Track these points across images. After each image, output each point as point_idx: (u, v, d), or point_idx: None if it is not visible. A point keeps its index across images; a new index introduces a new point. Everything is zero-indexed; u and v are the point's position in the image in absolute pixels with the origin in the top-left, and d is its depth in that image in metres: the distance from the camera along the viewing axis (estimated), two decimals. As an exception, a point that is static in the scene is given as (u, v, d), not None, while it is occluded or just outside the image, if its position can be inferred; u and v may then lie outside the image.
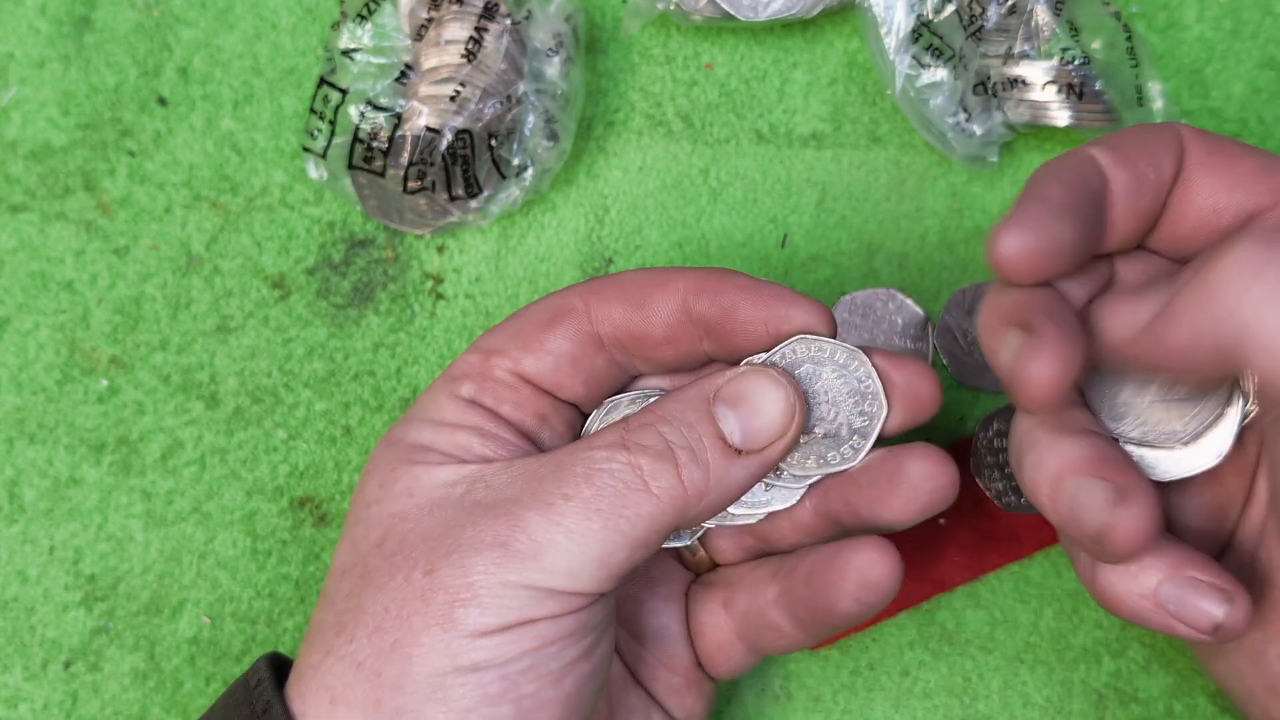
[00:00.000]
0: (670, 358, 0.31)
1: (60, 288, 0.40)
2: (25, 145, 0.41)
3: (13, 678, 0.38)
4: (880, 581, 0.29)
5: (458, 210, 0.39)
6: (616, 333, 0.31)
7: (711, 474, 0.28)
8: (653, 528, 0.27)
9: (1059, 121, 0.38)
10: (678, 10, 0.39)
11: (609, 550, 0.27)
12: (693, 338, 0.30)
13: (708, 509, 0.28)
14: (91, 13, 0.41)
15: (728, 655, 0.33)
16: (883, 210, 0.40)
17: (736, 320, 0.30)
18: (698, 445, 0.28)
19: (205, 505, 0.39)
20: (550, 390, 0.31)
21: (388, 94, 0.38)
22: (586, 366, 0.31)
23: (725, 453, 0.28)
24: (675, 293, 0.30)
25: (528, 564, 0.26)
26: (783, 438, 0.29)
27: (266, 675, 0.28)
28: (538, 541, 0.26)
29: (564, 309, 0.31)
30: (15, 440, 0.39)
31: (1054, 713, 0.37)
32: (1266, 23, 0.40)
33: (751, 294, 0.30)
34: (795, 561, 0.31)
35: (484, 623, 0.26)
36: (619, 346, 0.31)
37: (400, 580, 0.27)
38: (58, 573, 0.38)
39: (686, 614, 0.33)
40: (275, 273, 0.40)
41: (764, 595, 0.31)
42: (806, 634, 0.31)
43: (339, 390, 0.39)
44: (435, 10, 0.38)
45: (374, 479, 0.29)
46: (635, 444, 0.28)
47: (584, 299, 0.31)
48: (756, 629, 0.32)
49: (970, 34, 0.38)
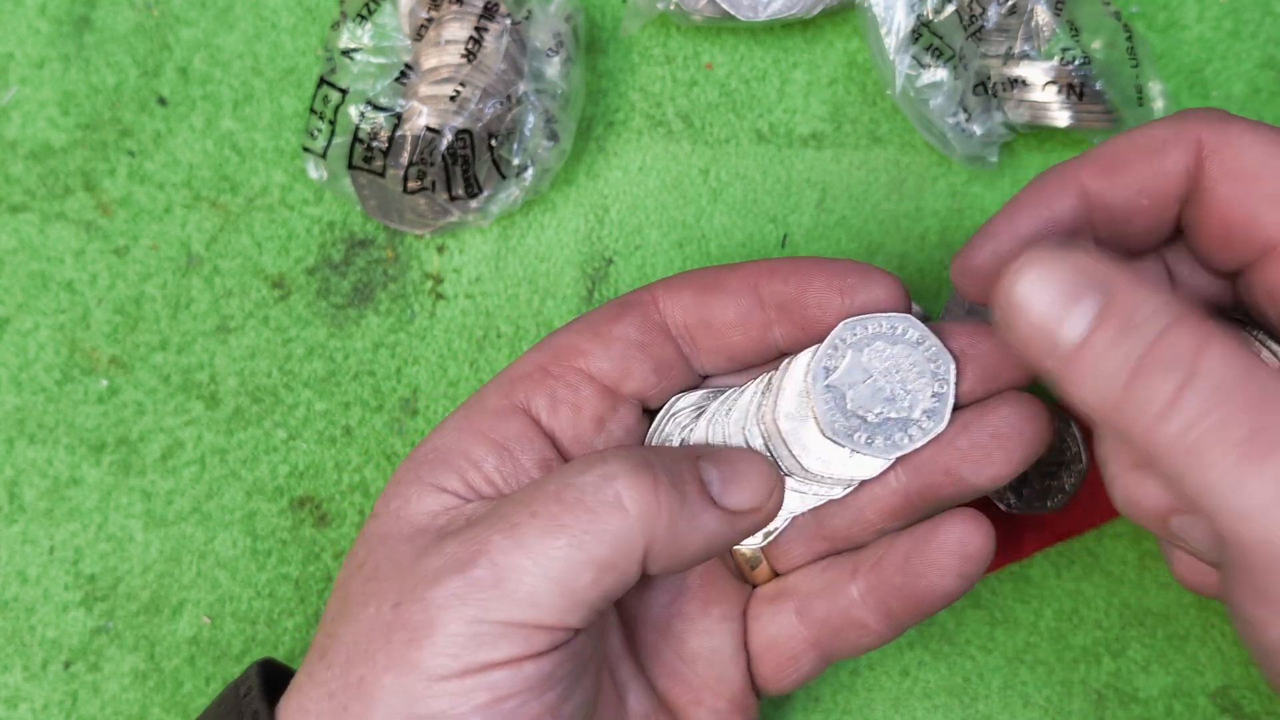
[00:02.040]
0: (739, 345, 0.30)
1: (60, 288, 0.40)
2: (25, 145, 0.41)
3: (13, 678, 0.38)
4: (979, 551, 0.29)
5: (458, 210, 0.39)
6: (686, 320, 0.30)
7: (686, 505, 0.27)
8: (620, 548, 0.26)
9: (1059, 122, 0.38)
10: (678, 10, 0.39)
11: (571, 571, 0.25)
12: (763, 322, 0.30)
13: (674, 544, 0.26)
14: (91, 13, 0.41)
15: (797, 666, 0.31)
16: (883, 210, 0.40)
17: (811, 292, 0.29)
18: (678, 476, 0.27)
19: (205, 505, 0.39)
20: (616, 384, 0.30)
21: (388, 94, 0.38)
22: (655, 353, 0.30)
23: (702, 494, 0.27)
24: (746, 276, 0.30)
25: (487, 593, 0.25)
26: (756, 511, 0.28)
27: (256, 684, 0.28)
28: (499, 566, 0.25)
29: (632, 300, 0.31)
30: (15, 440, 0.39)
31: (1054, 713, 0.37)
32: (1266, 23, 0.40)
33: (824, 267, 0.29)
34: (880, 552, 0.30)
35: (438, 664, 0.25)
36: (687, 337, 0.30)
37: (371, 611, 0.26)
38: (58, 573, 0.38)
39: (745, 633, 0.32)
40: (275, 273, 0.40)
41: (847, 594, 0.30)
42: (894, 627, 0.30)
43: (339, 390, 0.39)
44: (435, 10, 0.38)
45: (386, 489, 0.29)
46: (614, 456, 0.27)
47: (651, 291, 0.31)
48: (838, 631, 0.31)
49: (970, 34, 0.38)
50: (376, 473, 0.39)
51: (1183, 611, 0.37)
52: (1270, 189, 0.25)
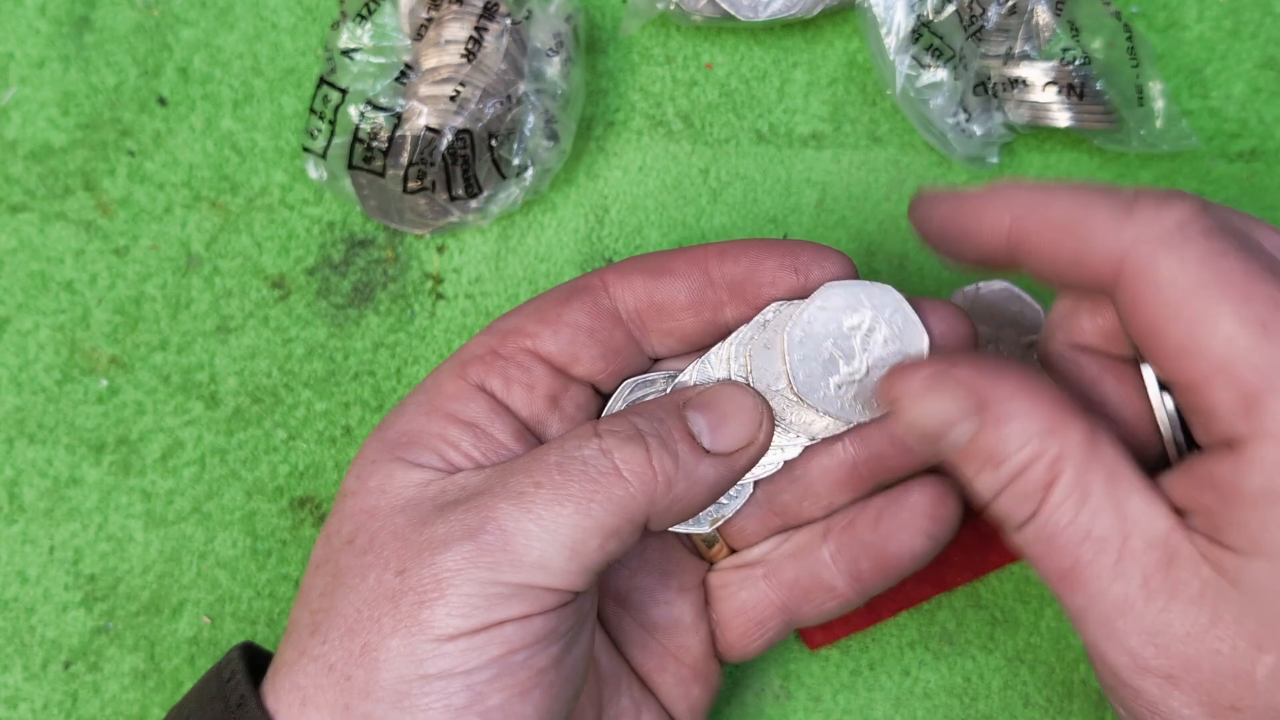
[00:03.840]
0: (691, 327, 0.31)
1: (60, 288, 0.40)
2: (25, 145, 0.41)
3: (13, 678, 0.38)
4: (949, 514, 0.30)
5: (458, 210, 0.39)
6: (637, 304, 0.31)
7: (680, 465, 0.28)
8: (624, 514, 0.27)
9: (1059, 122, 0.38)
10: (678, 10, 0.39)
11: (580, 537, 0.26)
12: (715, 303, 0.30)
13: (676, 503, 0.28)
14: (91, 13, 0.41)
15: (763, 631, 0.33)
16: (883, 210, 0.40)
17: (762, 273, 0.30)
18: (667, 436, 0.28)
19: (205, 505, 0.39)
20: (565, 366, 0.31)
21: (388, 94, 0.38)
22: (604, 339, 0.31)
23: (694, 448, 0.28)
24: (695, 258, 0.30)
25: (497, 556, 0.26)
26: (750, 445, 0.29)
27: (240, 668, 0.28)
28: (507, 531, 0.26)
29: (582, 285, 0.31)
30: (15, 440, 0.39)
31: (1054, 713, 0.37)
32: (1266, 23, 0.40)
33: (775, 247, 0.30)
34: (852, 514, 0.31)
35: (450, 624, 0.25)
36: (638, 321, 0.31)
37: (372, 580, 0.26)
38: (58, 573, 0.38)
39: (706, 603, 0.33)
40: (275, 273, 0.40)
41: (818, 556, 0.32)
42: (860, 590, 0.31)
43: (339, 390, 0.39)
44: (435, 10, 0.38)
45: (355, 469, 0.29)
46: (606, 430, 0.28)
47: (600, 276, 0.31)
48: (806, 593, 0.32)
49: (970, 34, 0.38)
50: (376, 473, 0.39)
51: (1183, 611, 0.37)
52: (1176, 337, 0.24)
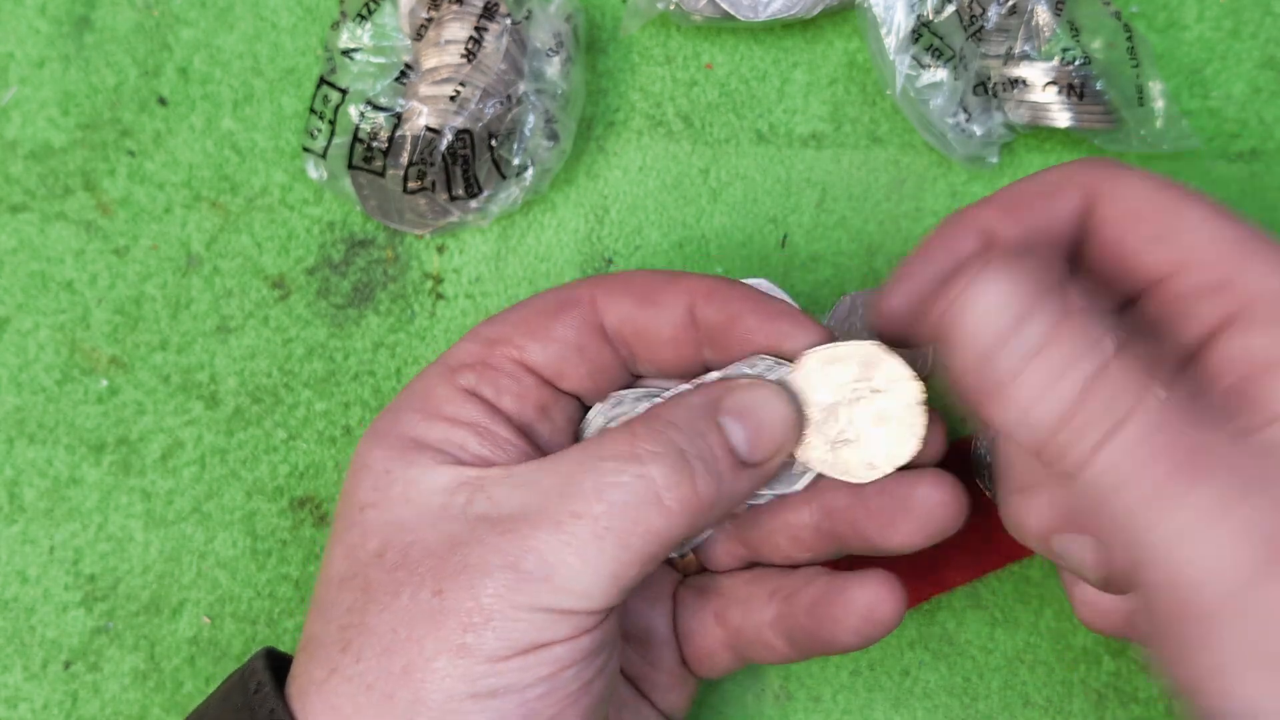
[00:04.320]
0: (670, 360, 0.31)
1: (60, 288, 0.40)
2: (25, 145, 0.41)
3: (13, 678, 0.38)
4: (885, 618, 0.29)
5: (458, 210, 0.39)
6: (621, 327, 0.30)
7: (723, 484, 0.28)
8: (665, 542, 0.27)
9: (1059, 122, 0.38)
10: (678, 10, 0.39)
11: (622, 569, 0.26)
12: (694, 342, 0.30)
13: (714, 521, 0.28)
14: (91, 13, 0.41)
15: (715, 661, 0.33)
16: (883, 210, 0.40)
17: (739, 328, 0.29)
18: (709, 457, 0.28)
19: (205, 505, 0.39)
20: (553, 379, 0.31)
21: (388, 94, 0.38)
22: (592, 356, 0.31)
23: (734, 465, 0.28)
24: (683, 293, 0.30)
25: (539, 586, 0.26)
26: (784, 453, 0.29)
27: (267, 680, 0.28)
28: (549, 563, 0.26)
29: (570, 299, 0.31)
30: (15, 440, 0.39)
31: (1054, 713, 0.37)
32: (1266, 23, 0.40)
33: (758, 307, 0.30)
34: (796, 586, 0.31)
35: (498, 648, 0.25)
36: (622, 342, 0.31)
37: (406, 599, 0.26)
38: (58, 573, 0.38)
39: (674, 616, 0.33)
40: (275, 273, 0.40)
41: (760, 615, 0.31)
42: (801, 654, 0.31)
43: (339, 390, 0.39)
44: (435, 10, 0.38)
45: (366, 479, 0.29)
46: (647, 453, 0.27)
47: (590, 290, 0.31)
48: (749, 643, 0.32)
49: (970, 34, 0.38)
50: (376, 473, 0.39)
51: (1183, 611, 0.37)
52: (1150, 231, 0.27)
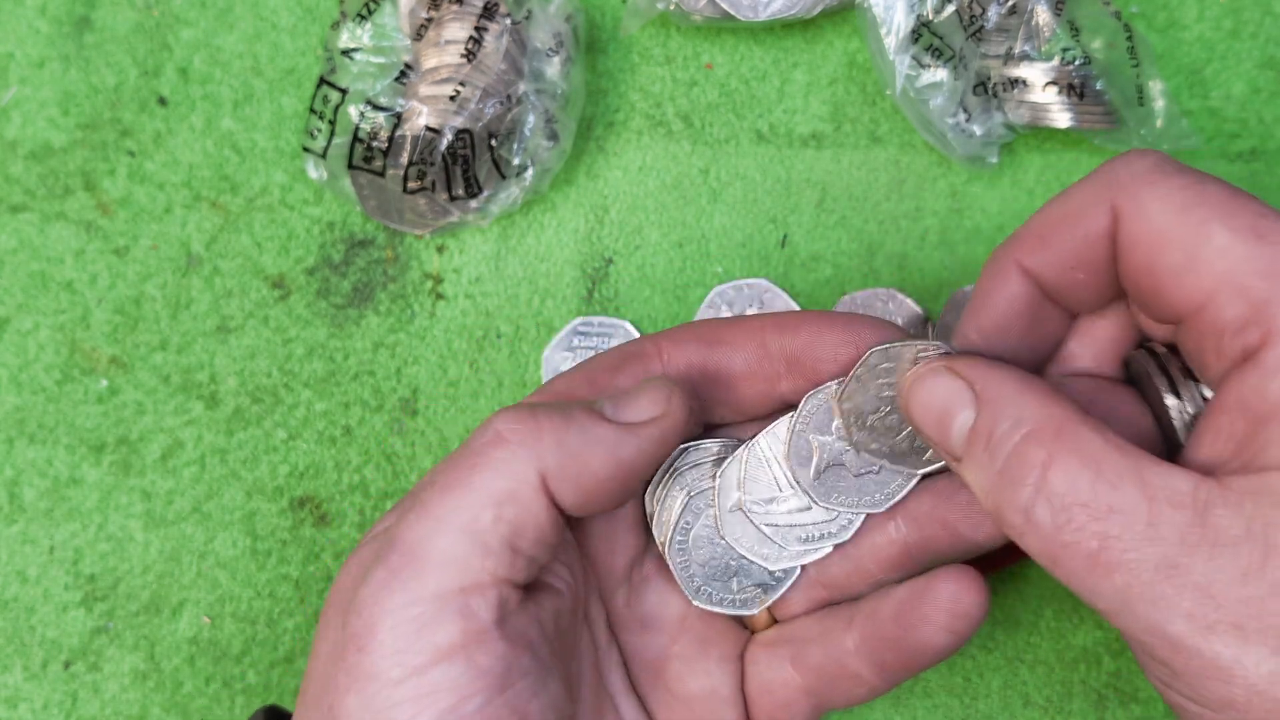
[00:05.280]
0: (747, 399, 0.30)
1: (60, 288, 0.40)
2: (25, 145, 0.41)
3: (13, 678, 0.38)
4: (972, 609, 0.29)
5: (458, 210, 0.39)
6: (691, 372, 0.30)
7: (573, 422, 0.27)
8: (509, 474, 0.26)
9: (1059, 123, 0.38)
10: (678, 10, 0.39)
11: (472, 515, 0.25)
12: (770, 375, 0.30)
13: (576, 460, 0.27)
14: (91, 13, 0.41)
15: (789, 714, 0.31)
16: (883, 210, 0.40)
17: (823, 346, 0.29)
18: (563, 407, 0.27)
19: (205, 505, 0.39)
20: None
21: (387, 94, 0.38)
22: None
23: (590, 413, 0.27)
24: (752, 330, 0.30)
25: (405, 572, 0.25)
26: (662, 417, 0.28)
27: None
28: (409, 542, 0.25)
29: (634, 352, 0.30)
30: (15, 440, 0.39)
31: (1054, 713, 0.37)
32: (1266, 23, 0.40)
33: (834, 321, 0.29)
34: (876, 603, 0.30)
35: (391, 666, 0.25)
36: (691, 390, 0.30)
37: (329, 640, 0.26)
38: (58, 573, 0.38)
39: (742, 675, 0.32)
40: (275, 273, 0.40)
41: (841, 644, 0.30)
42: (887, 680, 0.30)
43: (339, 390, 0.39)
44: (435, 10, 0.38)
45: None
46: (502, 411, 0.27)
47: (655, 342, 0.30)
48: (832, 681, 0.30)
49: (970, 34, 0.38)
50: (376, 473, 0.39)
51: (1183, 611, 0.37)
52: (1173, 260, 0.25)
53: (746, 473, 0.30)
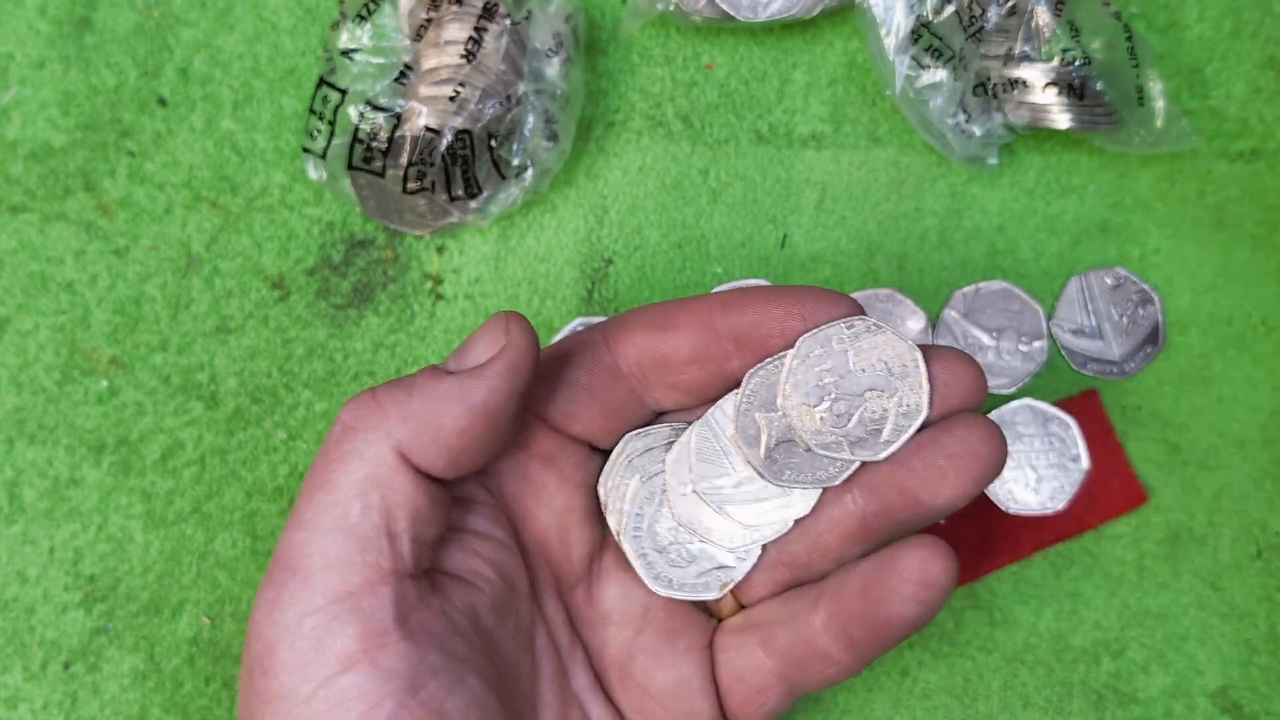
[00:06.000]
0: (696, 380, 0.30)
1: (60, 288, 0.40)
2: (25, 145, 0.41)
3: (13, 678, 0.38)
4: (939, 577, 0.28)
5: (457, 211, 0.39)
6: (639, 359, 0.30)
7: (415, 388, 0.27)
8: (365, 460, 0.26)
9: (1059, 123, 0.38)
10: (677, 10, 0.39)
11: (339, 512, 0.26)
12: (720, 355, 0.29)
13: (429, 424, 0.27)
14: (91, 13, 0.41)
15: (766, 699, 0.31)
16: (883, 210, 0.40)
17: (770, 321, 0.29)
18: (407, 379, 0.27)
19: (205, 505, 0.39)
20: (561, 425, 0.30)
21: (387, 94, 0.38)
22: (602, 396, 0.30)
23: (433, 374, 0.27)
24: (699, 310, 0.29)
25: (289, 585, 0.25)
26: (506, 349, 0.28)
27: None
28: (287, 555, 0.26)
29: (579, 342, 0.30)
30: (15, 440, 0.39)
31: (1054, 713, 0.37)
32: (1266, 23, 0.40)
33: (780, 295, 0.29)
34: (841, 579, 0.29)
35: (297, 683, 0.25)
36: (640, 375, 0.30)
37: (245, 679, 0.26)
38: (58, 573, 0.38)
39: (712, 664, 0.31)
40: (275, 273, 0.40)
41: (810, 623, 0.30)
42: (858, 657, 0.29)
43: (339, 390, 0.39)
44: (435, 11, 0.38)
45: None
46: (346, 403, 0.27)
47: (601, 332, 0.30)
48: (803, 662, 0.30)
49: (970, 35, 0.38)
50: (376, 473, 0.39)
51: (1182, 612, 0.37)
52: None
53: (697, 454, 0.30)
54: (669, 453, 0.31)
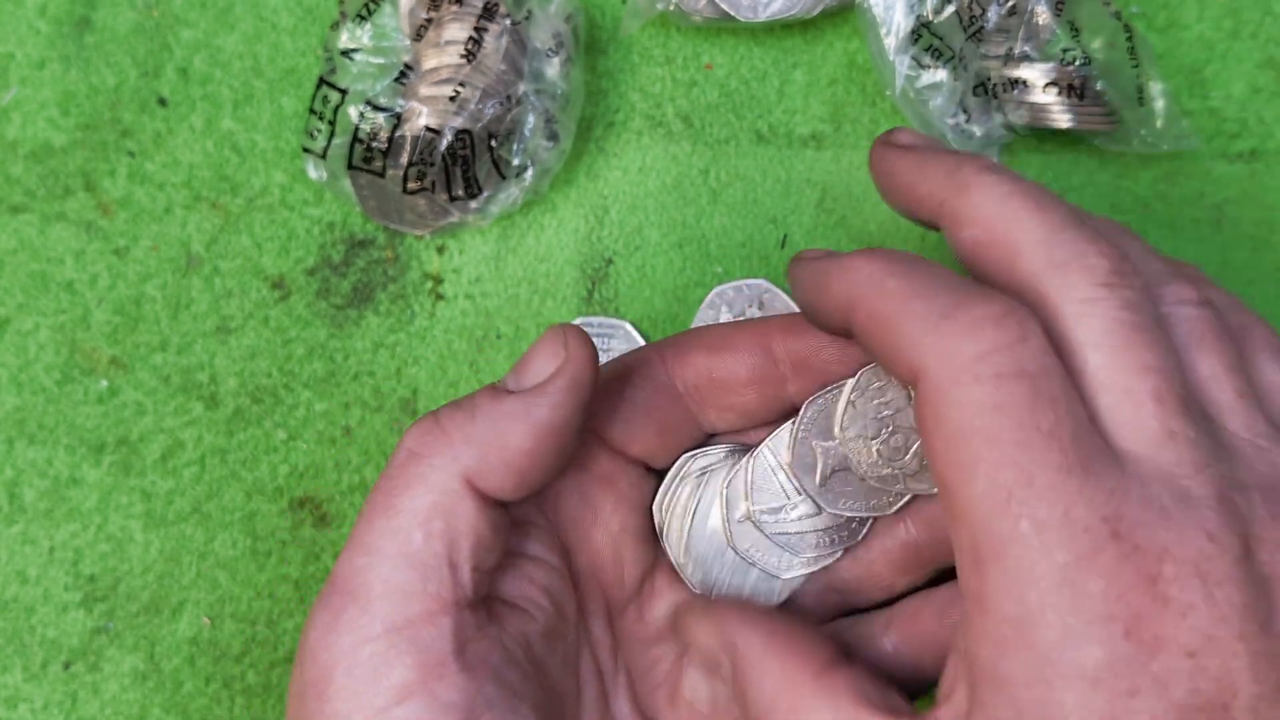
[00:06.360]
0: (752, 403, 0.30)
1: (60, 288, 0.40)
2: (25, 145, 0.41)
3: (13, 678, 0.38)
4: None
5: (458, 211, 0.39)
6: (696, 380, 0.30)
7: (478, 411, 0.26)
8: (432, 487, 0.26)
9: (1060, 123, 0.38)
10: (678, 10, 0.39)
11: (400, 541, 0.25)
12: (777, 379, 0.29)
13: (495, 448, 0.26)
14: (91, 13, 0.41)
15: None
16: (883, 210, 0.40)
17: (831, 347, 0.29)
18: (467, 401, 0.27)
19: (205, 505, 0.39)
20: (620, 447, 0.30)
21: (387, 94, 0.38)
22: (659, 416, 0.30)
23: (494, 395, 0.27)
24: (759, 333, 0.29)
25: (348, 612, 0.25)
26: (566, 364, 0.27)
27: None
28: (346, 579, 0.25)
29: (636, 360, 0.30)
30: (15, 440, 0.39)
31: (1053, 713, 0.37)
32: (1266, 23, 0.40)
33: None
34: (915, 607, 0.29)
35: (350, 710, 0.24)
36: (696, 397, 0.30)
37: (292, 692, 0.26)
38: (58, 573, 0.38)
39: None
40: (275, 273, 0.40)
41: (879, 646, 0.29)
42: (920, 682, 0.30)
43: (339, 390, 0.39)
44: (435, 10, 0.38)
45: None
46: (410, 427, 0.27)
47: (657, 351, 0.30)
48: None
49: (970, 35, 0.38)
50: (376, 473, 0.39)
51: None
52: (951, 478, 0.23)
53: (753, 482, 0.30)
54: (726, 477, 0.31)
